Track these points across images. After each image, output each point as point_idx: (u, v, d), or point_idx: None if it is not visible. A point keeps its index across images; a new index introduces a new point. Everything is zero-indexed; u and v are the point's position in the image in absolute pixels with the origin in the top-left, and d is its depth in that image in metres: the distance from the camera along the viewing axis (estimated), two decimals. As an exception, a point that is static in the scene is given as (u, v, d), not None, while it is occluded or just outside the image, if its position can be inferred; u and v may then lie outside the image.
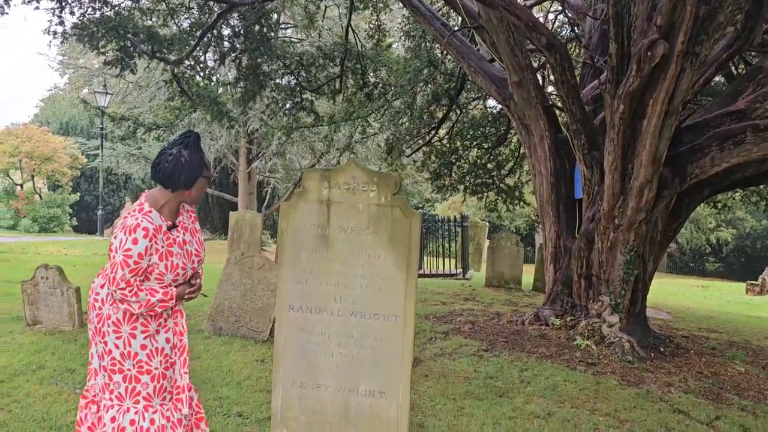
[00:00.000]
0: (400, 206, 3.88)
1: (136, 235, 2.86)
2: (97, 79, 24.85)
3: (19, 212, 29.73)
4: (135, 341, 2.98)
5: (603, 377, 6.01)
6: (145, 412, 3.03)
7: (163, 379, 3.07)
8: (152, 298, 2.95)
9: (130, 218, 2.93)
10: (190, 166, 3.01)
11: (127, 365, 3.00)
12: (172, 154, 3.00)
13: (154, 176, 3.05)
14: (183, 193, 3.05)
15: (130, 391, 3.02)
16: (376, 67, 12.35)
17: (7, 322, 7.00)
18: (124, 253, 2.86)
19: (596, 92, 8.65)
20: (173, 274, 3.03)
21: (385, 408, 3.91)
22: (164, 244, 2.98)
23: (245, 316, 6.87)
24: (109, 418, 3.02)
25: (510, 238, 13.72)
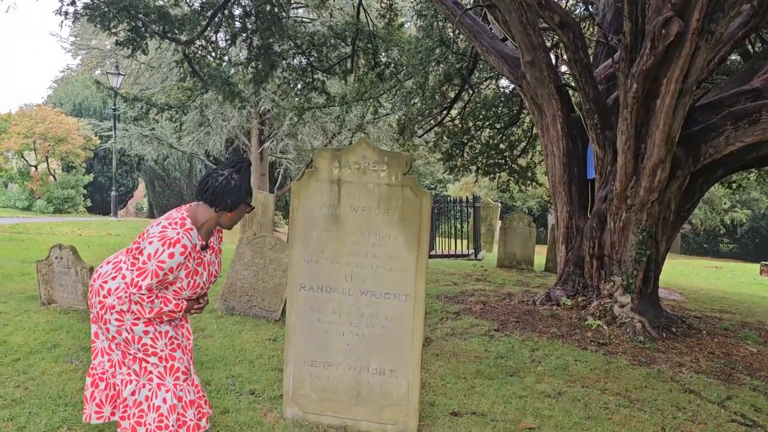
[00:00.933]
0: (410, 186, 3.88)
1: (174, 251, 2.90)
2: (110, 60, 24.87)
3: (34, 193, 29.97)
4: (137, 328, 3.03)
5: (614, 357, 6.02)
6: (158, 391, 3.08)
7: (171, 359, 3.11)
8: (164, 307, 3.02)
9: (171, 230, 2.95)
10: (239, 190, 3.07)
11: (133, 349, 3.06)
12: (223, 175, 3.06)
13: (200, 193, 3.08)
14: (225, 214, 3.11)
15: (142, 369, 3.09)
16: (387, 46, 12.29)
17: (23, 301, 7.08)
18: (158, 264, 2.90)
19: (609, 71, 8.56)
20: (192, 291, 3.10)
21: (396, 386, 3.95)
22: (194, 263, 3.05)
23: (257, 295, 6.92)
24: (129, 392, 3.10)
25: (522, 218, 13.69)
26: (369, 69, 12.10)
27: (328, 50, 12.07)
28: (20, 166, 30.72)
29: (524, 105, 11.40)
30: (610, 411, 4.57)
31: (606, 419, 4.39)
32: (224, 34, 11.77)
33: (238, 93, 11.35)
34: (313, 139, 23.95)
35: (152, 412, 3.07)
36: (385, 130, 21.17)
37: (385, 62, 12.30)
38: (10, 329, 5.83)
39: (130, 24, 9.78)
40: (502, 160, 13.39)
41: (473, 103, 13.00)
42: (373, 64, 11.93)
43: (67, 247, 6.89)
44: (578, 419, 4.35)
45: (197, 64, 11.11)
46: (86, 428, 3.71)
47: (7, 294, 7.37)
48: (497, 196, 27.87)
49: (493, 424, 4.18)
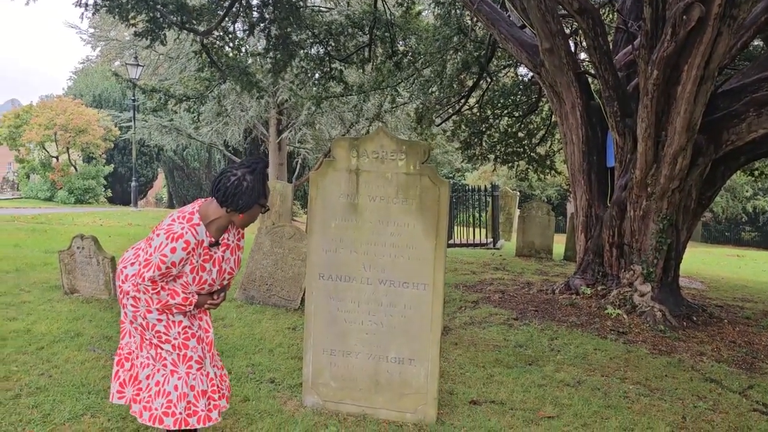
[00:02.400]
0: (428, 175, 3.87)
1: (176, 245, 2.89)
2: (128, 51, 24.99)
3: (56, 184, 30.29)
4: (150, 316, 3.04)
5: (634, 346, 5.99)
6: (170, 377, 3.09)
7: (185, 348, 3.10)
8: (171, 300, 3.00)
9: (177, 225, 2.94)
10: (251, 192, 3.00)
11: (149, 335, 3.08)
12: (236, 175, 2.99)
13: (213, 191, 3.04)
14: (236, 215, 3.05)
15: (157, 355, 3.10)
16: (405, 35, 12.23)
17: (46, 290, 7.17)
18: (160, 257, 2.89)
19: (629, 58, 8.46)
20: (198, 287, 3.07)
21: (415, 375, 3.96)
22: (199, 259, 3.01)
23: (276, 284, 6.95)
24: (144, 376, 3.12)
25: (541, 207, 13.62)
26: (386, 58, 12.05)
27: (346, 39, 12.03)
28: (42, 158, 31.04)
29: (543, 93, 11.31)
30: (630, 400, 4.55)
31: (626, 408, 4.38)
32: (242, 24, 11.79)
33: (256, 83, 11.36)
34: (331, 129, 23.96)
35: (161, 397, 3.07)
36: (403, 119, 21.10)
37: (402, 51, 12.25)
38: (33, 318, 5.91)
39: (148, 15, 9.82)
40: (520, 149, 13.30)
41: (491, 92, 12.92)
42: (390, 52, 11.88)
43: (88, 237, 6.97)
44: (598, 408, 4.34)
45: (215, 55, 11.12)
46: (109, 415, 3.77)
47: (30, 283, 7.48)
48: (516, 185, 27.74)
49: (512, 412, 4.19)
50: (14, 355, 4.79)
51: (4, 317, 5.89)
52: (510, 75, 14.54)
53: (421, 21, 13.03)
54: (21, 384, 4.21)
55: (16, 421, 3.64)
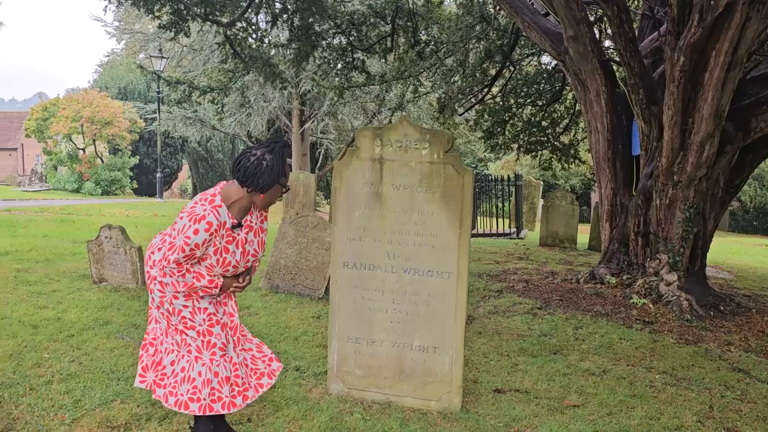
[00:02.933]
0: (452, 163, 3.87)
1: (199, 227, 2.90)
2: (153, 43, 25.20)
3: (83, 176, 30.69)
4: (177, 302, 3.06)
5: (660, 335, 5.94)
6: (195, 363, 3.12)
7: (209, 335, 3.12)
8: (197, 283, 3.01)
9: (199, 206, 2.96)
10: (271, 171, 3.00)
11: (174, 321, 3.11)
12: (255, 155, 3.00)
13: (233, 172, 3.06)
14: (257, 195, 3.05)
15: (182, 341, 3.13)
16: (427, 24, 12.17)
17: (75, 279, 7.29)
18: (184, 239, 2.91)
19: (655, 45, 8.36)
20: (222, 269, 3.07)
21: (439, 363, 3.97)
22: (222, 241, 3.02)
23: (301, 274, 7.00)
24: (169, 361, 3.16)
25: (565, 196, 13.53)
26: (409, 47, 12.01)
27: (368, 29, 12.01)
28: (69, 150, 31.45)
29: (567, 81, 11.20)
30: (657, 389, 4.52)
31: (652, 397, 4.35)
32: (265, 15, 11.82)
33: (279, 74, 11.40)
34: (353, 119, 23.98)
35: (187, 383, 3.10)
36: (425, 108, 21.06)
37: (425, 40, 12.19)
38: (63, 306, 6.02)
39: (172, 7, 9.89)
40: (544, 138, 13.19)
41: (514, 80, 12.82)
42: (413, 42, 11.84)
43: (116, 227, 7.07)
44: (623, 397, 4.32)
45: (238, 46, 11.18)
46: (138, 402, 3.83)
47: (60, 273, 7.61)
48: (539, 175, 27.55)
49: (536, 401, 4.19)
50: (46, 343, 4.89)
51: (36, 306, 6.01)
52: (533, 63, 14.40)
53: (444, 10, 12.96)
54: (53, 370, 4.30)
55: (49, 407, 3.72)
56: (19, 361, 4.44)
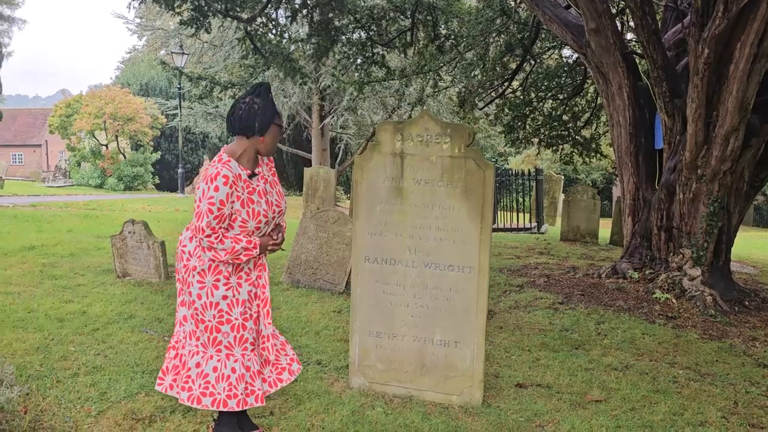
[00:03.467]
0: (473, 158, 3.86)
1: (217, 183, 2.94)
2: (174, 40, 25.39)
3: (105, 171, 31.04)
4: (217, 291, 3.08)
5: (683, 331, 5.89)
6: (227, 360, 3.13)
7: (243, 329, 3.15)
8: (237, 245, 3.02)
9: (211, 168, 3.01)
10: (263, 112, 3.07)
11: (208, 316, 3.10)
12: (245, 102, 3.09)
13: (229, 127, 3.14)
14: (258, 140, 3.10)
15: (212, 340, 3.13)
16: (447, 18, 12.12)
17: (100, 274, 7.39)
18: (207, 201, 2.94)
19: (679, 37, 8.26)
20: (255, 221, 3.08)
21: (460, 357, 3.97)
22: (245, 192, 3.05)
23: (321, 268, 7.03)
24: (194, 363, 3.16)
25: (586, 190, 13.43)
26: (429, 41, 11.97)
27: (388, 24, 11.99)
28: (92, 146, 31.81)
29: (588, 74, 11.12)
30: (680, 385, 4.49)
31: (675, 393, 4.32)
32: (284, 10, 11.84)
33: (299, 69, 11.43)
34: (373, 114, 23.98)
35: (222, 381, 3.12)
36: (445, 103, 21.01)
37: (445, 34, 12.15)
38: (88, 300, 6.10)
39: (193, 3, 9.95)
40: (565, 132, 13.10)
41: (535, 74, 12.74)
42: (432, 36, 11.80)
43: (139, 222, 7.15)
44: (646, 392, 4.29)
45: (259, 42, 11.22)
46: (162, 395, 3.87)
47: (84, 267, 7.71)
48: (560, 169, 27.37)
49: (558, 396, 4.17)
50: (71, 336, 4.96)
51: (61, 300, 6.10)
52: (554, 57, 14.30)
53: (464, 4, 12.89)
54: (78, 363, 4.36)
55: (75, 399, 3.78)
56: (46, 354, 4.51)
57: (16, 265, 7.64)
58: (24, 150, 56.57)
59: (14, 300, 6.00)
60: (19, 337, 4.86)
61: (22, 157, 56.22)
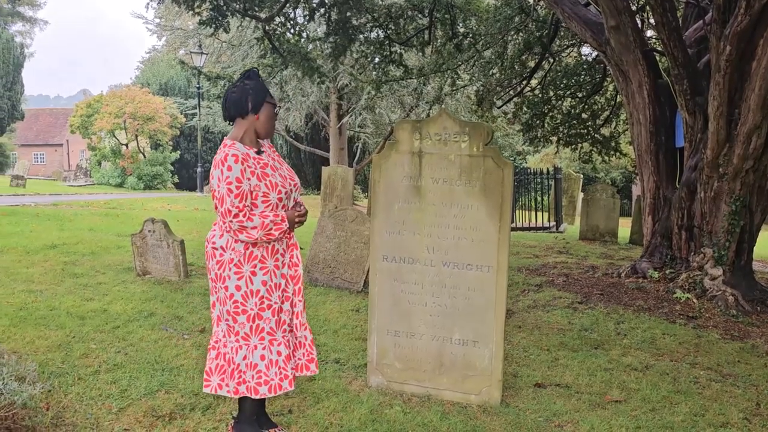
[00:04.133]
0: (492, 156, 3.85)
1: (228, 163, 2.99)
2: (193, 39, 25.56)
3: (126, 170, 31.32)
4: (256, 278, 3.12)
5: (704, 331, 5.83)
6: (271, 346, 3.19)
7: (281, 312, 3.22)
8: (266, 220, 3.05)
9: (218, 154, 3.08)
10: (255, 91, 3.14)
11: (250, 304, 3.14)
12: (236, 86, 3.18)
13: (225, 114, 3.21)
14: (254, 118, 3.16)
15: (255, 329, 3.17)
16: (465, 16, 12.10)
17: (120, 272, 7.45)
18: (225, 183, 2.98)
19: (700, 34, 8.17)
20: (276, 192, 3.11)
21: (479, 357, 3.96)
22: (257, 167, 3.09)
23: (339, 267, 7.04)
24: (241, 357, 3.18)
25: (606, 189, 13.34)
26: (447, 40, 11.96)
27: (406, 22, 11.99)
28: (112, 145, 32.12)
29: (608, 72, 11.03)
30: (701, 385, 4.44)
31: (696, 394, 4.28)
32: (302, 9, 11.89)
33: (317, 68, 11.46)
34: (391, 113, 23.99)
35: (273, 366, 3.19)
36: (463, 101, 20.95)
37: (463, 33, 12.12)
38: (109, 299, 6.16)
39: (212, 3, 10.02)
40: (584, 130, 13.01)
41: (554, 72, 12.66)
42: (450, 34, 11.78)
43: (159, 221, 7.20)
44: (667, 393, 4.25)
45: (277, 41, 11.27)
46: (182, 391, 3.91)
47: (105, 266, 7.78)
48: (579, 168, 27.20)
49: (577, 396, 4.15)
50: (92, 334, 5.01)
51: (83, 298, 6.16)
52: (573, 55, 14.21)
53: (482, 2, 12.85)
54: (99, 361, 4.41)
55: (96, 396, 3.82)
56: (67, 352, 4.56)
57: (38, 264, 7.73)
58: (46, 149, 57.29)
59: (36, 298, 6.07)
60: (42, 334, 4.92)
61: (44, 157, 56.94)
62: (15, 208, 14.50)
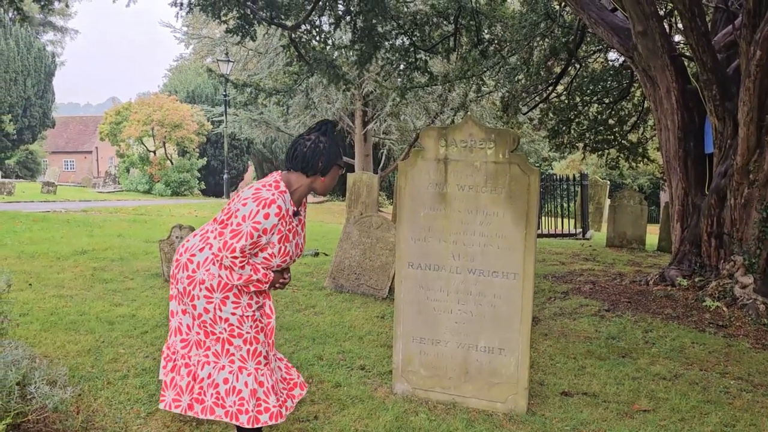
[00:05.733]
0: (518, 163, 3.84)
1: (270, 211, 2.84)
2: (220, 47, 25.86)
3: (153, 177, 31.71)
4: (225, 308, 2.97)
5: (735, 340, 5.74)
6: (239, 374, 3.02)
7: (256, 342, 3.03)
8: (254, 275, 2.91)
9: (265, 191, 2.89)
10: (328, 152, 3.00)
11: (219, 329, 2.99)
12: (310, 139, 3.00)
13: (290, 161, 3.03)
14: (317, 179, 3.02)
15: (224, 351, 3.02)
16: (490, 23, 12.07)
17: (148, 278, 7.54)
18: (253, 225, 2.83)
19: (729, 38, 8.06)
20: (281, 259, 3.00)
21: (505, 365, 3.94)
22: (286, 228, 2.97)
23: (365, 274, 7.06)
24: (206, 374, 3.04)
25: (633, 196, 13.20)
26: (472, 46, 11.95)
27: (431, 29, 12.01)
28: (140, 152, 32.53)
29: (635, 78, 10.92)
30: (732, 395, 4.37)
31: (727, 404, 4.21)
32: (328, 17, 11.97)
33: (342, 75, 11.53)
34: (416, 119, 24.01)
35: (233, 395, 3.00)
36: (488, 108, 20.91)
37: (488, 39, 12.10)
38: (137, 304, 6.24)
39: (239, 12, 10.15)
40: (611, 136, 12.91)
41: (580, 78, 12.59)
42: (476, 41, 11.77)
43: (186, 227, 7.28)
44: (696, 403, 4.19)
45: (303, 49, 11.36)
46: (209, 397, 3.93)
47: (133, 271, 7.88)
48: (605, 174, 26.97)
49: (605, 405, 4.10)
50: (121, 339, 5.08)
51: (112, 303, 6.24)
52: (600, 60, 14.12)
53: (507, 8, 12.83)
54: (128, 365, 4.46)
55: (125, 400, 3.87)
56: (97, 356, 4.62)
57: (68, 269, 7.85)
58: (75, 156, 58.26)
59: (67, 303, 6.16)
60: (72, 339, 4.99)
61: (74, 164, 57.90)
62: (46, 214, 14.76)
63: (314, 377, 4.37)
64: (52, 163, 51.19)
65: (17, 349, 3.33)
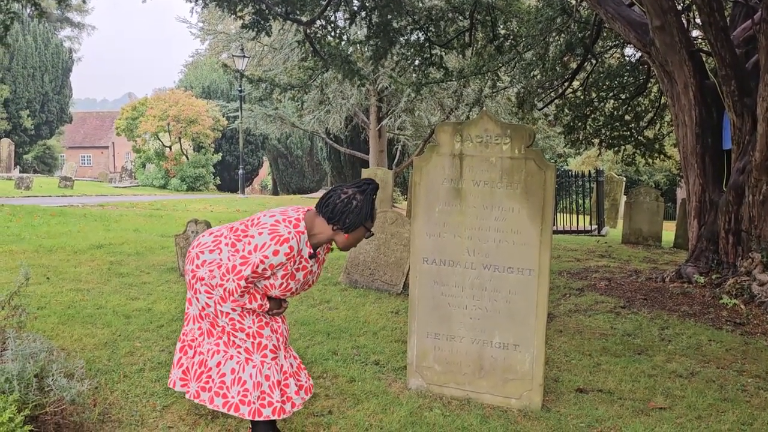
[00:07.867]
0: (534, 159, 3.82)
1: (280, 249, 2.84)
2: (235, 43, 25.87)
3: (169, 172, 31.90)
4: (225, 304, 3.00)
5: (752, 338, 5.68)
6: (246, 365, 3.04)
7: (260, 336, 3.04)
8: (248, 304, 2.94)
9: (283, 227, 2.89)
10: (360, 211, 2.95)
11: (222, 322, 3.04)
12: (347, 193, 2.97)
13: (321, 206, 3.00)
14: (341, 233, 2.99)
15: (230, 342, 3.06)
16: (506, 18, 12.00)
17: (164, 272, 7.59)
18: (261, 257, 2.84)
19: (749, 33, 7.97)
20: (281, 292, 3.01)
21: (520, 361, 3.93)
22: (293, 267, 2.95)
23: (379, 269, 7.06)
24: (215, 363, 3.08)
25: (649, 192, 13.10)
26: (487, 42, 11.88)
27: (446, 24, 11.95)
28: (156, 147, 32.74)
29: (652, 73, 10.83)
30: (749, 393, 4.33)
31: (744, 402, 4.17)
32: (343, 13, 11.95)
33: (357, 71, 11.50)
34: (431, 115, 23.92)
35: (237, 385, 3.03)
36: (503, 104, 20.78)
37: (504, 34, 12.03)
38: (153, 298, 6.28)
39: (254, 7, 10.16)
40: (627, 132, 12.80)
41: (596, 73, 12.48)
42: (491, 36, 11.70)
43: (201, 221, 7.32)
44: (713, 401, 4.16)
45: (318, 44, 11.35)
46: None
47: (149, 266, 7.93)
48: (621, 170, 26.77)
49: (620, 402, 4.08)
50: (138, 332, 5.12)
51: (128, 297, 6.29)
52: (616, 55, 14.01)
53: (523, 3, 12.74)
54: (144, 359, 4.50)
55: (141, 393, 3.90)
56: (113, 350, 4.66)
57: (85, 263, 7.92)
58: (92, 151, 58.74)
59: (84, 296, 6.22)
60: (89, 332, 5.04)
61: (91, 159, 58.37)
62: (63, 208, 14.89)
63: (329, 372, 4.39)
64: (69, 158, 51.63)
65: (35, 342, 3.37)
